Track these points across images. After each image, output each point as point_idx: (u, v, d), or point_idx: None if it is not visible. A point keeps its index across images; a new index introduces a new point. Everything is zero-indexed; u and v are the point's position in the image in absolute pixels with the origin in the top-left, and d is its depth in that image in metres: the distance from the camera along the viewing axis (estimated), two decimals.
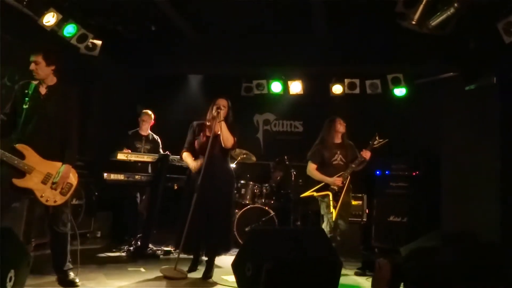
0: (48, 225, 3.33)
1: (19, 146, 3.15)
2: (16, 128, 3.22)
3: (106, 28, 5.69)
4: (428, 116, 6.16)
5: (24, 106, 3.19)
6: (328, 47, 6.23)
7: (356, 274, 4.37)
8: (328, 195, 4.33)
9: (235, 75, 7.11)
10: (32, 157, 3.17)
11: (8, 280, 2.46)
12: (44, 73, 3.30)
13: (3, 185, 3.08)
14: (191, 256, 4.09)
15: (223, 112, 3.92)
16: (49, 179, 3.22)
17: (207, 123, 4.07)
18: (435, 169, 5.47)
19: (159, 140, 5.65)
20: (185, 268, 4.00)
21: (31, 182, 3.16)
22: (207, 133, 4.00)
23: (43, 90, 3.31)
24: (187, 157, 4.06)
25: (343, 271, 3.52)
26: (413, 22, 4.21)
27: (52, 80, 3.36)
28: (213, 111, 3.98)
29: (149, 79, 6.99)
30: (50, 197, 3.22)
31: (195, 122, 4.15)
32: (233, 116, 4.09)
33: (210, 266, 3.93)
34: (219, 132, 3.91)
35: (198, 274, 3.93)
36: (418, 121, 6.45)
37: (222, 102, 4.00)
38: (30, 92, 3.24)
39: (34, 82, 3.31)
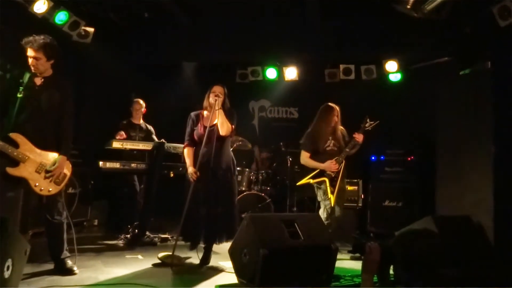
0: (42, 215, 3.34)
1: (13, 135, 3.13)
2: (8, 117, 3.19)
3: (98, 15, 5.62)
4: (423, 101, 6.17)
5: (19, 95, 3.15)
6: (323, 33, 6.19)
7: (352, 258, 4.42)
8: (324, 181, 4.32)
9: (229, 62, 7.06)
10: (25, 146, 3.16)
11: (5, 269, 2.47)
12: (44, 67, 3.29)
13: None
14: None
15: (220, 100, 3.89)
16: (43, 168, 3.21)
17: (204, 111, 4.07)
18: (429, 154, 5.50)
19: (152, 128, 5.64)
20: (184, 255, 4.07)
21: (25, 171, 3.15)
22: (205, 123, 3.98)
23: (38, 80, 3.28)
24: (186, 155, 4.01)
25: (339, 256, 3.55)
26: (408, 7, 4.20)
27: (48, 72, 3.34)
28: (210, 98, 3.96)
29: (143, 67, 6.93)
30: (44, 186, 3.22)
31: (193, 113, 4.12)
32: (230, 103, 4.08)
33: (208, 253, 3.96)
34: (215, 122, 3.90)
35: (195, 260, 3.96)
36: (413, 106, 6.46)
37: (219, 89, 3.96)
38: (24, 81, 3.20)
39: (29, 72, 3.27)
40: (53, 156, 3.27)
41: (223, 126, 3.86)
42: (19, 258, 2.68)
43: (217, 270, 3.78)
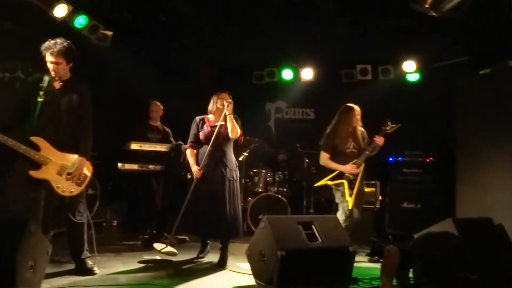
0: (64, 215, 3.40)
1: (34, 139, 3.19)
2: (29, 120, 3.25)
3: (116, 18, 5.69)
4: (442, 101, 6.07)
5: (39, 99, 3.21)
6: (339, 33, 6.13)
7: (370, 261, 4.38)
8: (343, 183, 4.28)
9: (246, 64, 7.08)
10: (47, 149, 3.22)
11: (29, 268, 2.52)
12: (64, 71, 3.35)
13: (19, 177, 3.14)
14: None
15: (231, 106, 3.99)
16: (64, 170, 3.28)
17: (209, 116, 4.18)
18: (449, 155, 5.41)
19: (169, 130, 5.70)
20: (194, 254, 4.23)
21: (48, 173, 3.22)
22: (211, 124, 4.09)
23: (57, 84, 3.35)
24: (190, 156, 4.15)
25: (357, 258, 3.53)
26: (427, 6, 4.13)
27: (67, 75, 3.41)
28: (218, 103, 4.08)
29: (160, 69, 6.99)
30: (66, 187, 3.29)
31: (197, 117, 4.25)
32: (243, 105, 4.18)
33: (224, 254, 4.00)
34: (221, 124, 3.98)
35: (212, 259, 4.00)
36: (431, 107, 6.35)
37: (226, 97, 4.09)
38: (44, 85, 3.26)
39: (48, 76, 3.33)
40: (73, 157, 3.34)
41: (234, 130, 3.98)
42: (42, 258, 2.73)
43: (234, 272, 3.80)
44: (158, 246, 4.04)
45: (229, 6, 5.80)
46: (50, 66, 3.29)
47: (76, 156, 3.35)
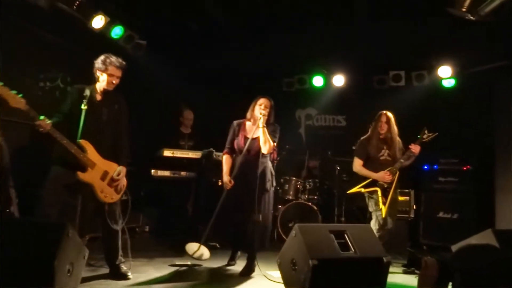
0: (102, 222, 3.48)
1: (82, 142, 3.28)
2: (71, 129, 3.33)
3: (149, 27, 5.83)
4: (479, 107, 5.87)
5: (83, 107, 3.31)
6: (371, 38, 6.05)
7: (404, 272, 4.26)
8: (376, 191, 4.20)
9: (276, 71, 7.08)
10: (92, 153, 3.33)
11: (66, 272, 2.59)
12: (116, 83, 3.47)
13: (57, 183, 3.24)
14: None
15: (264, 118, 3.90)
16: (107, 176, 3.38)
17: (247, 122, 4.12)
18: (487, 163, 5.22)
19: (200, 137, 5.76)
20: (225, 261, 4.26)
21: (93, 177, 3.32)
22: (247, 134, 4.04)
23: (98, 96, 3.46)
24: (224, 162, 4.12)
25: (391, 269, 3.43)
26: (463, 9, 4.01)
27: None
28: (255, 110, 4.00)
29: (191, 77, 7.10)
30: (109, 194, 3.39)
31: (235, 121, 4.19)
32: (275, 114, 4.09)
33: (249, 264, 4.00)
34: (255, 136, 3.93)
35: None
36: (468, 113, 6.14)
37: (265, 102, 4.00)
38: (87, 95, 3.36)
39: (89, 87, 3.44)
40: (115, 165, 3.45)
41: (266, 145, 3.90)
42: (78, 262, 2.81)
43: (265, 279, 3.78)
44: (190, 249, 4.06)
45: (258, 14, 5.85)
46: (111, 80, 3.41)
47: (116, 165, 3.45)
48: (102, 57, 3.42)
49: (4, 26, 4.06)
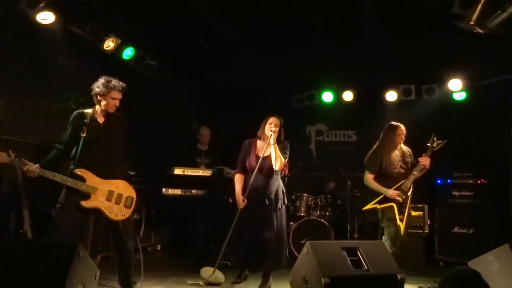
0: (116, 241, 3.49)
1: (77, 171, 3.32)
2: (73, 156, 3.39)
3: (161, 48, 5.92)
4: (492, 120, 5.79)
5: (82, 135, 3.37)
6: (380, 52, 6.06)
7: None
8: (392, 207, 4.10)
9: (285, 87, 7.12)
10: (91, 179, 3.34)
11: None
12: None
13: (70, 208, 3.26)
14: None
15: (275, 135, 3.93)
16: (112, 195, 3.39)
17: (258, 141, 4.13)
18: (503, 176, 5.13)
19: (217, 154, 5.77)
20: (232, 278, 4.19)
21: (97, 201, 3.34)
22: (258, 153, 4.05)
23: (100, 118, 3.49)
24: (236, 181, 4.11)
25: (406, 286, 3.36)
26: (472, 23, 4.00)
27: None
28: (265, 129, 4.02)
29: (203, 94, 7.17)
30: (118, 211, 3.39)
31: (246, 141, 4.21)
32: (285, 132, 4.10)
33: (265, 282, 3.96)
34: (267, 155, 3.95)
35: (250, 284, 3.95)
36: (481, 126, 6.06)
37: (275, 121, 4.02)
38: (87, 121, 3.42)
39: (88, 111, 3.48)
40: (117, 182, 3.45)
41: (277, 162, 3.91)
42: (90, 282, 2.80)
43: None
44: (205, 273, 4.04)
45: (268, 32, 5.91)
46: (114, 103, 3.46)
47: (120, 180, 3.46)
48: (102, 81, 3.43)
49: (16, 50, 4.17)
